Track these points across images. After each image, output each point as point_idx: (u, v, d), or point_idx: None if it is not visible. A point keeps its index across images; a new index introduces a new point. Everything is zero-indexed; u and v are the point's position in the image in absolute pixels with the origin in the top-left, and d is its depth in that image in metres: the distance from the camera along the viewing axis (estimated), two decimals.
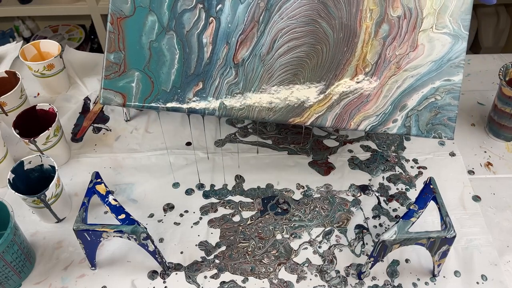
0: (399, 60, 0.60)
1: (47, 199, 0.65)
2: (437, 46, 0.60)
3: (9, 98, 0.79)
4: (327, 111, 0.59)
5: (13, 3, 1.71)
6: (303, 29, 0.60)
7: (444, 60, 0.60)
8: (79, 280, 0.65)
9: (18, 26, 1.86)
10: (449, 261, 0.65)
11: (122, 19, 0.59)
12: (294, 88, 0.60)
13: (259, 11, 0.60)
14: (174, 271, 0.65)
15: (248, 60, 0.60)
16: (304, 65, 0.60)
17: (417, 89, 0.60)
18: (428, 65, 0.60)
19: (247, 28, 0.60)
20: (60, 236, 0.69)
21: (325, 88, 0.60)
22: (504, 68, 0.77)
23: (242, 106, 0.59)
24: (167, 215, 0.72)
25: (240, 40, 0.60)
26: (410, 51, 0.60)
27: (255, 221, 0.71)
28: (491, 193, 0.74)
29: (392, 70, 0.60)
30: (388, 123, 0.60)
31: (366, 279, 0.64)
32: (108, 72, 0.59)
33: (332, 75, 0.60)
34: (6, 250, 0.59)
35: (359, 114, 0.60)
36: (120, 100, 0.59)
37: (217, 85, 0.59)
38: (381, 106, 0.60)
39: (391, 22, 0.61)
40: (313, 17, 0.60)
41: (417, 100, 0.60)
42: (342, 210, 0.72)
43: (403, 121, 0.60)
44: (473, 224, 0.70)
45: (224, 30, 0.60)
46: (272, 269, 0.65)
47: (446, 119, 0.60)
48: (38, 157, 0.69)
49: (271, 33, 0.60)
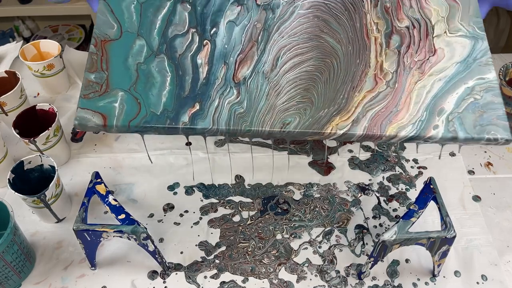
0: (420, 66, 0.56)
1: (47, 199, 0.65)
2: (458, 48, 0.57)
3: (9, 98, 0.79)
4: (352, 126, 0.52)
5: (13, 3, 1.71)
6: (307, 44, 0.56)
7: (469, 60, 0.56)
8: (79, 280, 0.65)
9: (18, 26, 1.86)
10: (449, 261, 0.65)
11: (107, 41, 0.55)
12: (308, 103, 0.53)
13: (256, 32, 0.57)
14: (174, 271, 0.65)
15: (251, 78, 0.54)
16: (315, 79, 0.54)
17: (450, 91, 0.54)
18: (454, 67, 0.56)
19: (245, 48, 0.56)
20: (60, 236, 0.69)
21: (344, 102, 0.53)
22: (504, 68, 0.77)
23: (249, 126, 0.51)
24: (167, 215, 0.72)
25: (239, 59, 0.55)
26: (429, 56, 0.57)
27: (255, 221, 0.71)
28: (491, 193, 0.74)
29: (416, 76, 0.55)
30: (428, 130, 0.52)
31: (366, 279, 0.64)
32: (87, 91, 0.52)
33: (349, 87, 0.54)
34: (6, 250, 0.59)
35: (391, 125, 0.52)
36: (99, 121, 0.50)
37: (216, 106, 0.52)
38: (414, 114, 0.53)
39: (400, 32, 0.58)
40: (315, 33, 0.57)
41: (454, 103, 0.54)
42: (342, 210, 0.72)
43: (446, 126, 0.52)
44: (473, 224, 0.70)
45: (220, 51, 0.56)
46: (272, 269, 0.65)
47: (495, 118, 0.53)
48: (38, 157, 0.69)
49: (273, 51, 0.56)
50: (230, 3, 0.58)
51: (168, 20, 0.57)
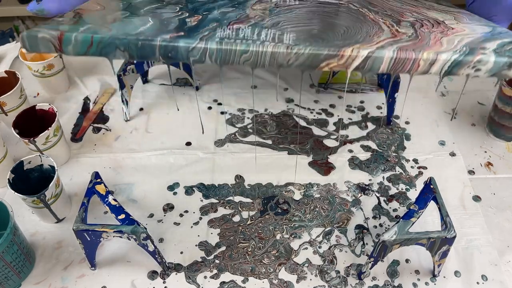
0: (442, 31, 0.49)
1: (46, 199, 0.65)
2: (477, 29, 0.51)
3: (9, 98, 0.79)
4: (377, 50, 0.42)
5: (13, 3, 1.71)
6: (310, 21, 0.51)
7: (495, 32, 0.50)
8: (79, 280, 0.64)
9: (18, 26, 1.86)
10: (449, 261, 0.65)
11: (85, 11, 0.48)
12: (320, 39, 0.44)
13: (254, 15, 0.53)
14: (174, 271, 0.65)
15: (249, 27, 0.46)
16: (322, 31, 0.47)
17: (486, 41, 0.47)
18: (480, 34, 0.49)
19: (242, 19, 0.49)
20: (60, 236, 0.69)
21: (363, 40, 0.45)
22: None
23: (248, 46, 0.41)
24: (167, 215, 0.72)
25: (233, 22, 0.48)
26: (448, 30, 0.50)
27: (255, 221, 0.71)
28: (491, 193, 0.74)
29: (439, 35, 0.48)
30: (476, 54, 0.43)
31: (366, 279, 0.64)
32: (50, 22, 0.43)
33: (365, 34, 0.46)
34: (5, 250, 0.59)
35: (428, 50, 0.43)
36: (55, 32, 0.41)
37: (207, 34, 0.44)
38: (451, 48, 0.44)
39: (410, 21, 0.53)
40: (316, 18, 0.53)
41: (496, 45, 0.46)
42: (342, 210, 0.72)
43: (496, 51, 0.44)
44: (473, 224, 0.70)
45: (213, 17, 0.49)
46: (272, 269, 0.65)
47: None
48: (38, 157, 0.69)
49: (272, 21, 0.49)
50: (224, 6, 0.54)
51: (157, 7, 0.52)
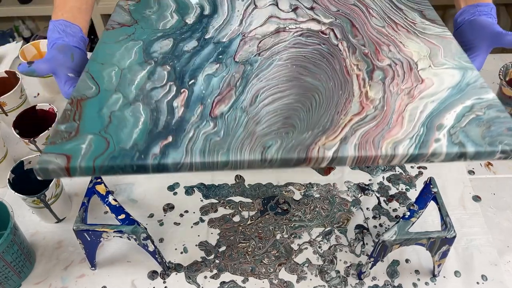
0: (409, 92, 0.52)
1: (47, 199, 0.65)
2: (447, 78, 0.54)
3: (9, 98, 0.79)
4: (341, 145, 0.46)
5: (13, 3, 1.71)
6: (287, 84, 0.54)
7: (462, 85, 0.52)
8: (79, 280, 0.65)
9: (18, 26, 1.86)
10: (449, 261, 0.65)
11: (84, 99, 0.53)
12: (290, 128, 0.48)
13: (235, 80, 0.55)
14: (174, 271, 0.65)
15: (228, 113, 0.50)
16: (296, 109, 0.50)
17: (448, 109, 0.49)
18: (446, 91, 0.52)
19: (223, 91, 0.54)
20: (60, 236, 0.69)
21: (329, 124, 0.48)
22: (504, 68, 0.77)
23: (226, 155, 0.46)
24: (167, 215, 0.72)
25: (216, 100, 0.52)
26: (417, 84, 0.53)
27: (255, 221, 0.71)
28: (491, 193, 0.74)
29: (405, 100, 0.51)
30: (430, 144, 0.46)
31: (366, 279, 0.64)
32: (54, 138, 0.48)
33: (333, 112, 0.50)
34: (6, 250, 0.59)
35: (385, 140, 0.46)
36: (62, 162, 0.45)
37: (191, 136, 0.48)
38: (410, 130, 0.47)
39: (383, 69, 0.56)
40: (295, 76, 0.55)
41: (454, 119, 0.48)
42: (342, 210, 0.72)
43: (449, 139, 0.46)
44: (473, 224, 0.70)
45: (197, 96, 0.53)
46: (272, 269, 0.65)
47: (506, 129, 0.47)
48: (38, 157, 0.69)
49: (251, 91, 0.53)
50: (209, 62, 0.59)
51: (147, 78, 0.56)
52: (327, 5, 0.69)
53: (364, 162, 0.46)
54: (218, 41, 0.62)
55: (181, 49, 0.61)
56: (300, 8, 0.68)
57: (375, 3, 0.69)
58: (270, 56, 0.59)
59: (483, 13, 0.64)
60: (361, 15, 0.67)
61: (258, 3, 0.70)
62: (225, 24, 0.66)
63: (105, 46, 0.61)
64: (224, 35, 0.63)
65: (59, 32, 0.62)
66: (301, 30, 0.64)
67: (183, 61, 0.59)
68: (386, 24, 0.64)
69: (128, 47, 0.61)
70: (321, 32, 0.63)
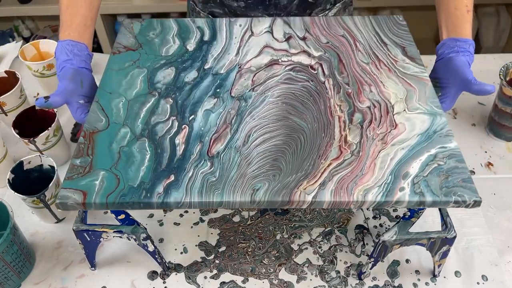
0: (383, 137, 0.58)
1: (46, 199, 0.65)
2: (417, 123, 0.60)
3: (9, 98, 0.79)
4: (320, 189, 0.53)
5: (13, 3, 1.71)
6: (276, 124, 0.60)
7: (430, 132, 0.59)
8: (79, 281, 0.64)
9: (17, 26, 1.86)
10: (449, 261, 0.65)
11: (95, 132, 0.59)
12: (277, 170, 0.55)
13: (230, 117, 0.61)
14: (174, 271, 0.65)
15: (224, 152, 0.57)
16: (283, 151, 0.57)
17: (414, 158, 0.56)
18: (415, 138, 0.58)
19: (220, 129, 0.60)
20: (60, 236, 0.69)
21: (311, 168, 0.55)
22: (505, 68, 0.77)
23: (221, 195, 0.53)
24: (167, 215, 0.72)
25: (213, 138, 0.59)
26: (391, 129, 0.60)
27: (255, 221, 0.71)
28: (492, 193, 0.74)
29: (379, 146, 0.58)
30: (395, 192, 0.53)
31: (366, 279, 0.64)
32: (71, 174, 0.55)
33: (315, 156, 0.57)
34: (5, 250, 0.59)
35: (358, 187, 0.53)
36: (79, 198, 0.53)
37: (191, 176, 0.55)
38: (380, 177, 0.54)
39: (362, 111, 0.62)
40: (284, 115, 0.61)
41: (418, 168, 0.55)
42: (342, 210, 0.72)
43: (412, 188, 0.53)
44: (474, 224, 0.70)
45: (197, 133, 0.60)
46: (272, 269, 0.65)
47: (461, 181, 0.54)
48: (38, 157, 0.69)
49: (245, 130, 0.60)
50: (208, 96, 0.64)
51: (152, 111, 0.62)
52: (318, 35, 0.73)
53: (339, 205, 0.53)
54: (216, 72, 0.67)
55: (182, 80, 0.66)
56: (293, 38, 0.72)
57: (362, 35, 0.73)
58: (263, 92, 0.64)
59: (461, 50, 0.67)
60: (348, 49, 0.71)
61: (254, 30, 0.74)
62: (223, 52, 0.70)
63: (112, 73, 0.67)
64: (222, 66, 0.68)
65: (67, 53, 0.66)
66: (292, 64, 0.69)
67: (184, 94, 0.64)
68: (370, 60, 0.69)
69: (133, 76, 0.67)
70: (310, 67, 0.68)
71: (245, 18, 0.76)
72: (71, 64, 0.66)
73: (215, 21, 0.76)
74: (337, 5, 0.85)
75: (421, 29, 1.86)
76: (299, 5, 0.81)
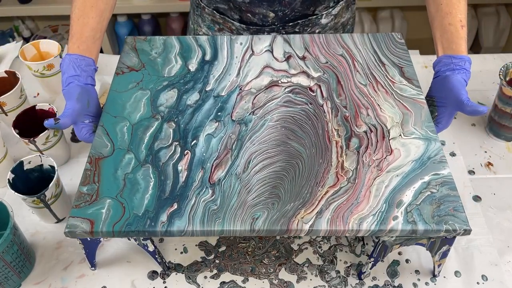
0: (378, 164, 0.60)
1: (46, 199, 0.65)
2: (412, 149, 0.61)
3: (9, 98, 0.79)
4: (317, 218, 0.55)
5: (13, 3, 1.71)
6: (275, 149, 0.62)
7: (424, 158, 0.60)
8: (79, 281, 0.64)
9: (17, 26, 1.86)
10: (449, 261, 0.65)
11: (101, 158, 0.61)
12: (276, 198, 0.57)
13: (231, 141, 0.62)
14: (174, 271, 0.65)
15: (224, 179, 0.59)
16: (282, 177, 0.59)
17: (408, 185, 0.57)
18: (410, 164, 0.59)
19: (221, 155, 0.61)
20: (60, 236, 0.69)
21: (308, 196, 0.57)
22: (505, 68, 0.77)
23: (221, 224, 0.55)
24: None
25: (215, 164, 0.60)
26: (387, 155, 0.61)
27: None
28: (492, 193, 0.74)
29: (374, 173, 0.59)
30: (388, 221, 0.54)
31: (366, 279, 0.64)
32: (79, 202, 0.57)
33: (313, 183, 0.58)
34: (5, 250, 0.59)
35: (353, 215, 0.55)
36: (87, 227, 0.54)
37: (193, 204, 0.56)
38: (374, 205, 0.56)
39: (359, 136, 0.63)
40: (282, 140, 0.63)
41: (411, 195, 0.57)
42: None
43: (405, 217, 0.55)
44: (474, 224, 0.69)
45: (199, 159, 0.61)
46: (272, 269, 0.65)
47: (452, 209, 0.55)
48: (38, 157, 0.69)
49: (245, 156, 0.61)
50: (209, 120, 0.65)
51: (155, 136, 0.63)
52: (318, 54, 0.74)
53: (335, 234, 0.55)
54: (218, 94, 0.68)
55: (184, 103, 0.67)
56: (293, 57, 0.73)
57: (361, 54, 0.74)
58: (262, 116, 0.66)
59: (457, 67, 0.67)
60: (347, 69, 0.72)
61: (255, 49, 0.75)
62: (224, 73, 0.71)
63: (116, 96, 0.69)
64: (223, 87, 0.69)
65: (75, 68, 0.67)
66: (292, 85, 0.69)
67: (187, 118, 0.65)
68: (368, 82, 0.70)
69: (137, 98, 0.68)
70: (309, 89, 0.69)
71: (245, 36, 0.77)
72: (78, 81, 0.67)
73: (216, 38, 0.76)
74: (341, 3, 0.85)
75: (421, 29, 1.86)
76: (303, 1, 0.80)
